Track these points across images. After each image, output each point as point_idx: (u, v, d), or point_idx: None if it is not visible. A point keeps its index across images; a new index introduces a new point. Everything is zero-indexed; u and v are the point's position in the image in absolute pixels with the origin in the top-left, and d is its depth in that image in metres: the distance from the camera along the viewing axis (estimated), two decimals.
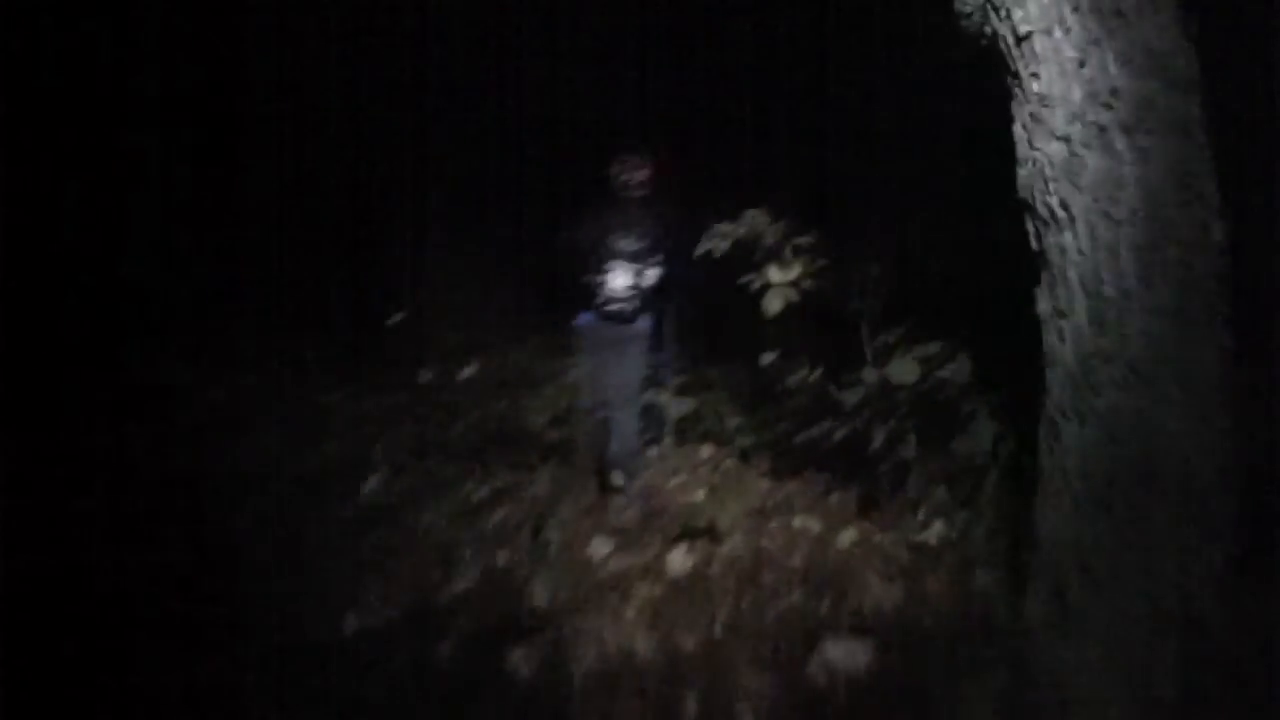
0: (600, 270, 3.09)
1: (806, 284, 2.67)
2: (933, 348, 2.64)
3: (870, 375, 2.71)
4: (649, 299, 3.13)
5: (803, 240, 2.71)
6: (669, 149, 3.38)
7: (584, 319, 3.17)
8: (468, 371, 3.96)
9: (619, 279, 3.09)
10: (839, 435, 2.70)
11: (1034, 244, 1.59)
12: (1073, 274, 1.48)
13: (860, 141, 3.85)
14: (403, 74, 5.33)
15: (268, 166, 5.07)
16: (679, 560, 2.44)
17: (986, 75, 1.63)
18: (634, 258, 3.09)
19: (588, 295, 3.12)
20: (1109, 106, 1.40)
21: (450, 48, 5.42)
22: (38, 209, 4.14)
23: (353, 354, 4.33)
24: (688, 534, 2.57)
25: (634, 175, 3.15)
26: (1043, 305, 1.58)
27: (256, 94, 5.17)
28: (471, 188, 5.48)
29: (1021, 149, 1.56)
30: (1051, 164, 1.48)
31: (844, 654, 1.92)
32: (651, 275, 3.11)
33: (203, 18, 4.88)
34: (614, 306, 3.09)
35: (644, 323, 3.15)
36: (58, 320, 4.17)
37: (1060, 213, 1.48)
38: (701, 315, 3.54)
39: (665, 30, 5.22)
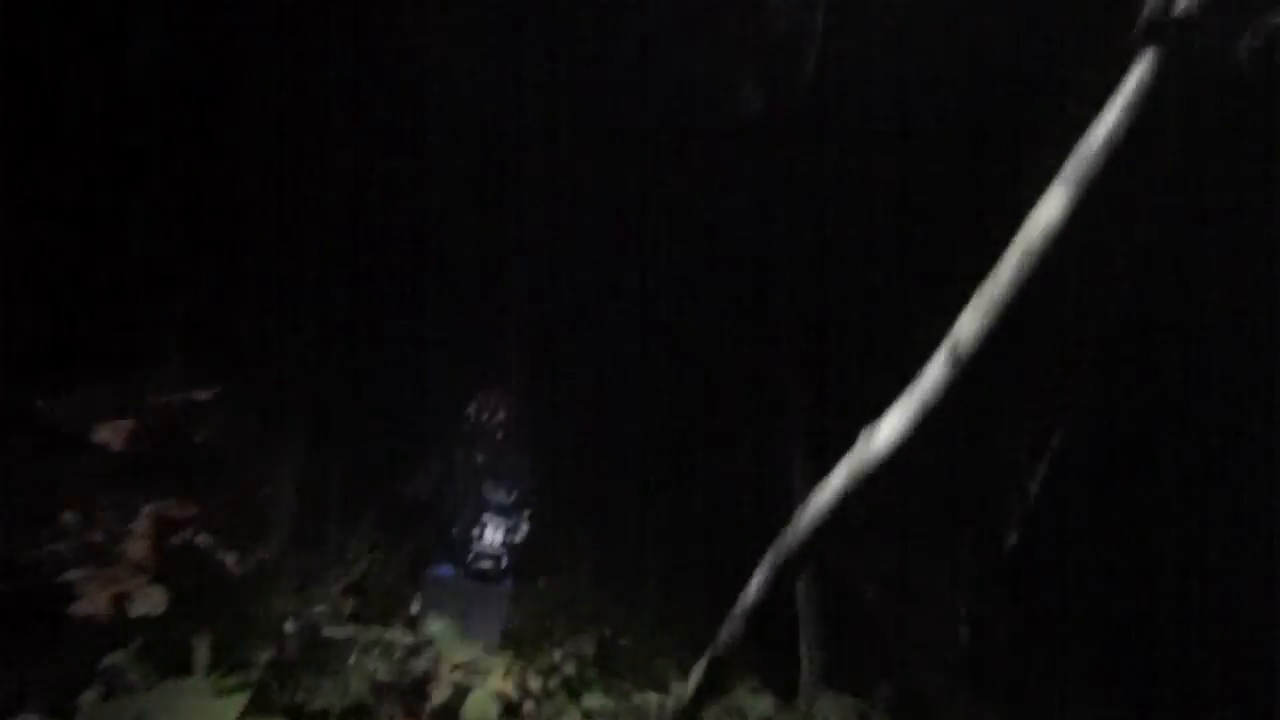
0: (470, 522, 2.73)
1: None
2: None
3: None
4: (521, 557, 2.79)
5: None
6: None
7: (443, 571, 2.75)
8: None
9: (489, 533, 2.73)
10: None
11: None
12: None
13: None
14: None
15: None
16: None
17: None
18: (503, 511, 2.74)
19: (452, 548, 2.74)
20: None
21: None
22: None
23: None
24: None
25: (495, 413, 2.88)
26: None
27: None
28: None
29: None
30: None
31: None
32: (524, 530, 2.79)
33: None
34: (483, 564, 2.71)
35: (509, 585, 2.79)
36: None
37: None
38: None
39: None
